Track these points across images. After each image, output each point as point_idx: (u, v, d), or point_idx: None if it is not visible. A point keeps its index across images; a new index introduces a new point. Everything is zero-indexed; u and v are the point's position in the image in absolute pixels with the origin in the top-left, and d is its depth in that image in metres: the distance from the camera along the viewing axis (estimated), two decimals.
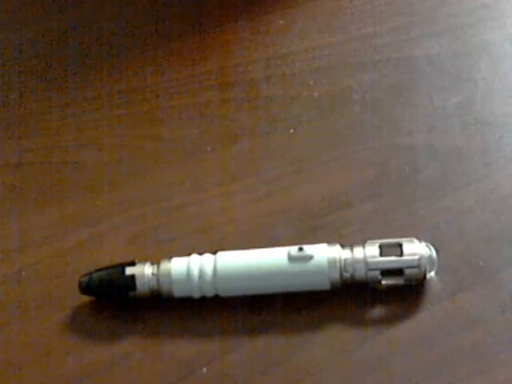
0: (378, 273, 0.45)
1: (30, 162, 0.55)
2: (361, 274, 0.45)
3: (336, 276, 0.46)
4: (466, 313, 0.45)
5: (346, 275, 0.46)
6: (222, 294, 0.47)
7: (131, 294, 0.47)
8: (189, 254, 0.47)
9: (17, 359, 0.47)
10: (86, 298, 0.48)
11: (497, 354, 0.44)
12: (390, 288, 0.46)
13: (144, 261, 0.47)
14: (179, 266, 0.47)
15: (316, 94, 0.55)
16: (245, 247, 0.47)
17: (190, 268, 0.46)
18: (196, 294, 0.47)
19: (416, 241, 0.46)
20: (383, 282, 0.46)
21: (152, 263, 0.47)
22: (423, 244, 0.46)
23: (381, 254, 0.45)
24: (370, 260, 0.45)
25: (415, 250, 0.45)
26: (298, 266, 0.46)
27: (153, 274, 0.47)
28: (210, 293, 0.47)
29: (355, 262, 0.45)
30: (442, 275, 0.46)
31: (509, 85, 0.53)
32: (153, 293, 0.47)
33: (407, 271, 0.45)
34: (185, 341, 0.47)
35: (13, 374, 0.46)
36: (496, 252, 0.47)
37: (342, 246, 0.46)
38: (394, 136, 0.52)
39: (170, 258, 0.47)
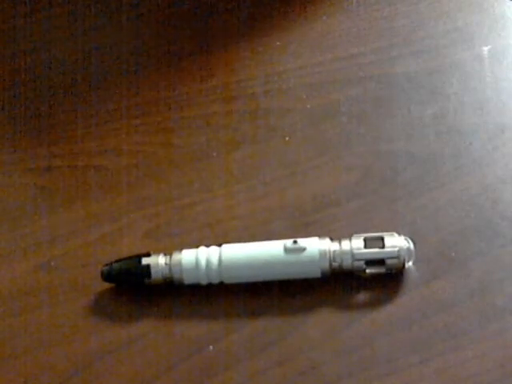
0: (362, 263, 0.45)
1: (58, 165, 0.54)
2: (348, 263, 0.45)
3: (326, 265, 0.46)
4: (440, 298, 0.45)
5: (335, 265, 0.46)
6: (227, 281, 0.47)
7: (146, 281, 0.47)
8: (197, 246, 0.47)
9: (47, 338, 0.47)
10: (107, 285, 0.48)
11: (467, 334, 0.44)
12: (373, 276, 0.46)
13: (158, 252, 0.47)
14: (189, 257, 0.47)
15: (308, 107, 0.55)
16: (246, 240, 0.47)
17: (199, 258, 0.46)
18: (203, 281, 0.47)
19: (396, 235, 0.46)
20: (367, 271, 0.46)
21: (165, 254, 0.47)
22: (402, 237, 0.46)
23: (365, 246, 0.45)
24: (355, 251, 0.45)
25: (395, 242, 0.45)
26: (292, 257, 0.46)
27: (166, 264, 0.47)
28: (215, 280, 0.47)
29: (343, 253, 0.45)
30: (419, 265, 0.46)
31: (477, 98, 0.53)
32: (165, 280, 0.47)
33: (388, 261, 0.45)
34: (193, 322, 0.46)
35: (43, 351, 0.46)
36: (466, 244, 0.47)
37: (331, 239, 0.46)
38: (377, 143, 0.52)
39: (180, 249, 0.47)
